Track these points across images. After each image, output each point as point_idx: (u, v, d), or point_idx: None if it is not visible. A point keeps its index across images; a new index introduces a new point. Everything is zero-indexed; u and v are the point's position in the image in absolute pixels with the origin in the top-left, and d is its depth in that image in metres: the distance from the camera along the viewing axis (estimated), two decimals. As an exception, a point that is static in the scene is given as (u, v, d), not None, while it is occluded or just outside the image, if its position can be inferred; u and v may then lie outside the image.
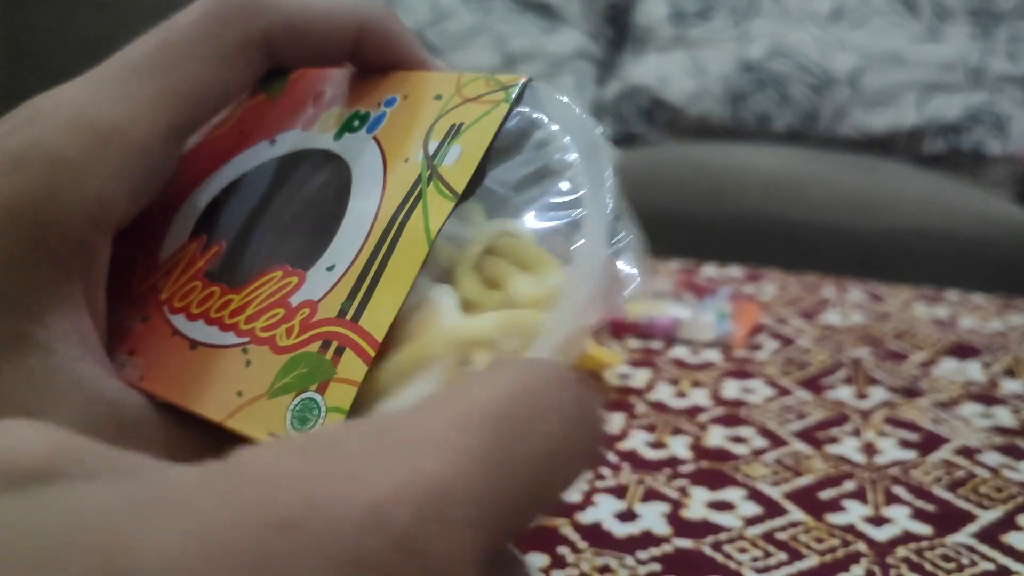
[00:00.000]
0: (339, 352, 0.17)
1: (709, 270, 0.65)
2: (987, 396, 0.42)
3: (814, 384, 0.43)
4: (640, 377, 0.44)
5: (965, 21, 1.49)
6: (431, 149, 0.19)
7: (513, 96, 0.19)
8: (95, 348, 0.18)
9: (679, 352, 0.47)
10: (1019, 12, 1.47)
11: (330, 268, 0.18)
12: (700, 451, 0.36)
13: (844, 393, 0.42)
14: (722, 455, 0.36)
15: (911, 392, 0.42)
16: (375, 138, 0.20)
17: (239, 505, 0.09)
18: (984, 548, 0.29)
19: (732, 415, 0.40)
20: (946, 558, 0.28)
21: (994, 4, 1.48)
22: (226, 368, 0.18)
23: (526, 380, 0.12)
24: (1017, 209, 1.24)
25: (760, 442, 0.37)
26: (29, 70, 1.76)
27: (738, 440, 0.37)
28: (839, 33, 1.51)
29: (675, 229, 1.19)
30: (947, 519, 0.31)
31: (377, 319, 0.17)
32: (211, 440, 0.18)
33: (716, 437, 0.37)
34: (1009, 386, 0.44)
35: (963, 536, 0.30)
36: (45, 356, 0.17)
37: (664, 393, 0.42)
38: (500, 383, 0.12)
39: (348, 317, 0.17)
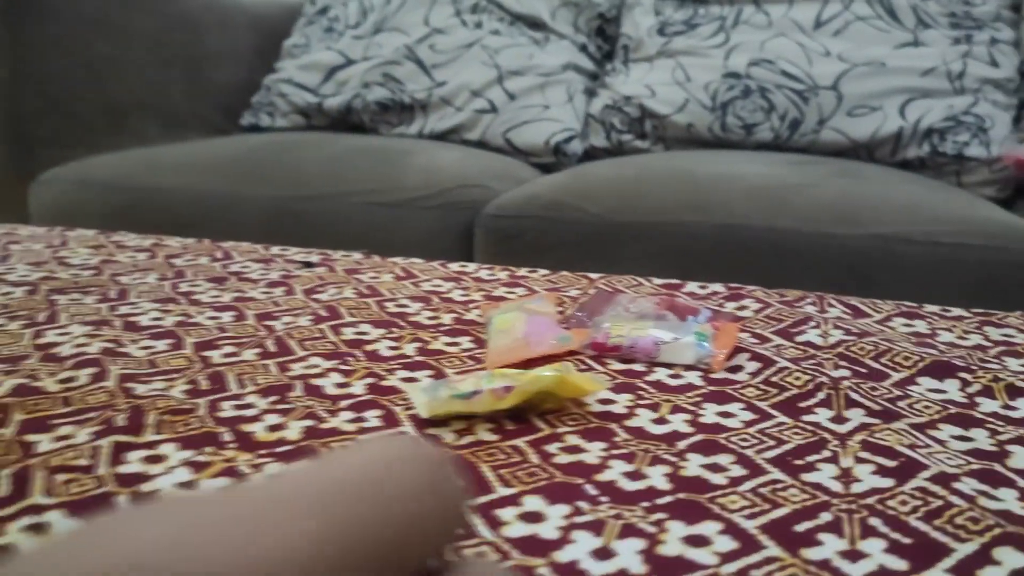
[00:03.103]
0: None
1: (692, 286, 0.65)
2: (965, 417, 0.42)
3: (792, 407, 0.43)
4: (621, 403, 0.44)
5: (946, 26, 1.50)
6: None
7: None
8: None
9: (660, 375, 0.47)
10: (998, 16, 1.48)
11: None
12: (678, 481, 0.36)
13: (822, 416, 0.42)
14: (700, 485, 0.36)
15: (889, 415, 0.42)
16: None
17: None
18: (959, 583, 0.29)
19: (711, 441, 0.40)
20: (921, 594, 0.28)
21: (974, 9, 1.49)
22: None
23: (380, 454, 0.14)
24: (1001, 211, 1.25)
25: (738, 471, 0.37)
26: (33, 93, 1.76)
27: (716, 469, 0.37)
28: (823, 40, 1.52)
29: (662, 238, 1.19)
30: (923, 553, 0.31)
31: None
32: None
33: (694, 466, 0.37)
34: (987, 406, 0.44)
35: (938, 572, 0.30)
36: None
37: (644, 419, 0.42)
38: (355, 458, 0.14)
39: None
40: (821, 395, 0.44)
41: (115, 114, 1.78)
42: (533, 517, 0.33)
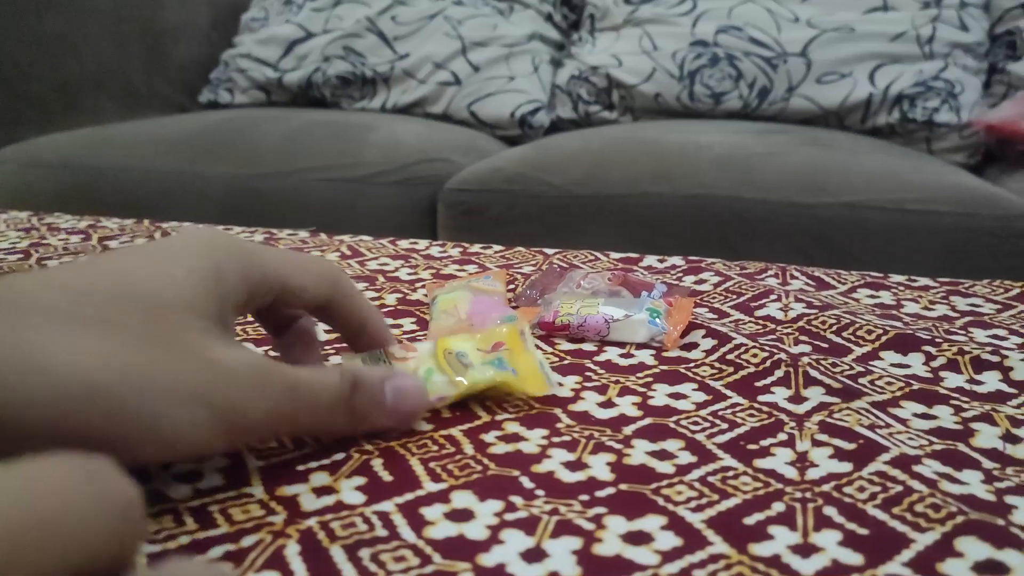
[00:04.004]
0: None
1: (651, 260, 0.63)
2: (928, 393, 0.40)
3: (748, 387, 0.41)
4: (567, 385, 0.41)
5: (916, -11, 1.47)
6: None
7: None
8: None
9: (610, 354, 0.45)
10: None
11: None
12: (621, 471, 0.33)
13: (779, 396, 0.40)
14: (644, 475, 0.33)
15: (849, 393, 0.40)
16: None
17: None
18: (917, 579, 0.27)
19: (659, 426, 0.37)
20: (876, 592, 0.26)
21: (945, -29, 1.47)
22: None
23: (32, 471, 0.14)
24: (971, 177, 1.23)
25: (686, 458, 0.34)
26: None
27: (663, 456, 0.34)
28: (791, 6, 1.48)
29: (627, 210, 1.16)
30: (880, 544, 0.28)
31: None
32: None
33: (640, 454, 0.35)
34: (952, 380, 0.42)
35: (896, 566, 0.27)
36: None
37: (590, 403, 0.39)
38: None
39: None
40: (779, 373, 0.42)
41: (68, 92, 1.72)
42: (461, 515, 0.30)
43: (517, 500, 0.31)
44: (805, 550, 0.28)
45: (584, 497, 0.31)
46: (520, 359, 0.40)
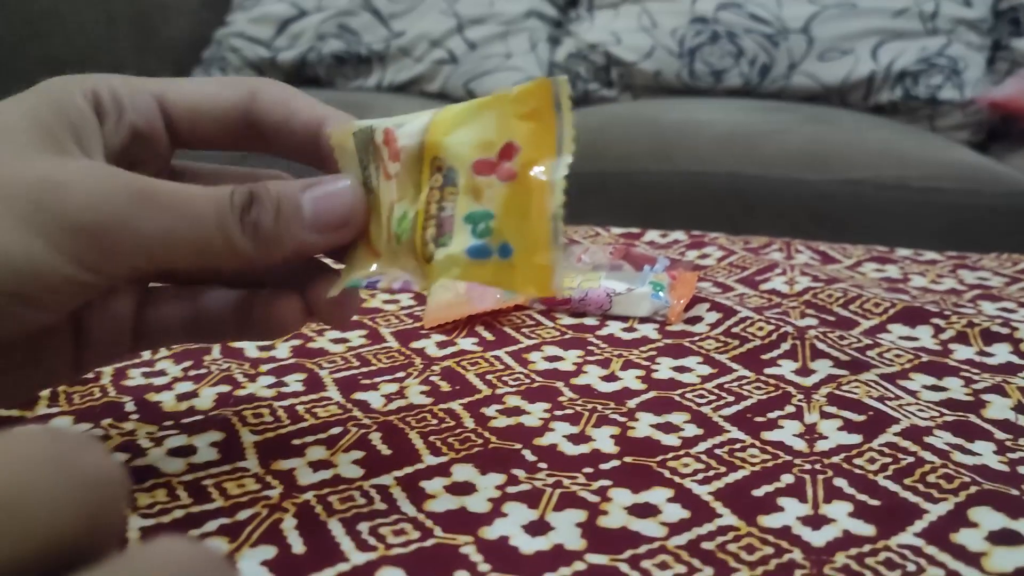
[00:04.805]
0: None
1: (652, 235, 0.62)
2: (938, 365, 0.39)
3: (754, 360, 0.40)
4: (569, 360, 0.40)
5: (919, -36, 1.46)
6: None
7: None
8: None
9: (613, 328, 0.44)
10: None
11: None
12: (626, 443, 0.33)
13: (786, 368, 0.39)
14: (650, 448, 0.32)
15: (857, 365, 0.39)
16: None
17: None
18: (932, 550, 0.26)
19: (664, 399, 0.36)
20: (890, 564, 0.25)
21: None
22: None
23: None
24: (973, 154, 1.22)
25: (692, 430, 0.34)
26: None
27: (668, 429, 0.34)
28: (791, -19, 1.47)
29: (629, 187, 1.15)
30: (892, 516, 0.28)
31: None
32: None
33: (644, 427, 0.34)
34: (961, 353, 0.41)
35: (909, 536, 0.27)
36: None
37: (592, 376, 0.38)
38: None
39: None
40: (785, 346, 0.41)
41: (57, 71, 1.70)
42: (463, 488, 0.29)
43: (519, 473, 0.30)
44: (816, 521, 0.27)
45: (588, 470, 0.31)
46: (528, 203, 0.25)
